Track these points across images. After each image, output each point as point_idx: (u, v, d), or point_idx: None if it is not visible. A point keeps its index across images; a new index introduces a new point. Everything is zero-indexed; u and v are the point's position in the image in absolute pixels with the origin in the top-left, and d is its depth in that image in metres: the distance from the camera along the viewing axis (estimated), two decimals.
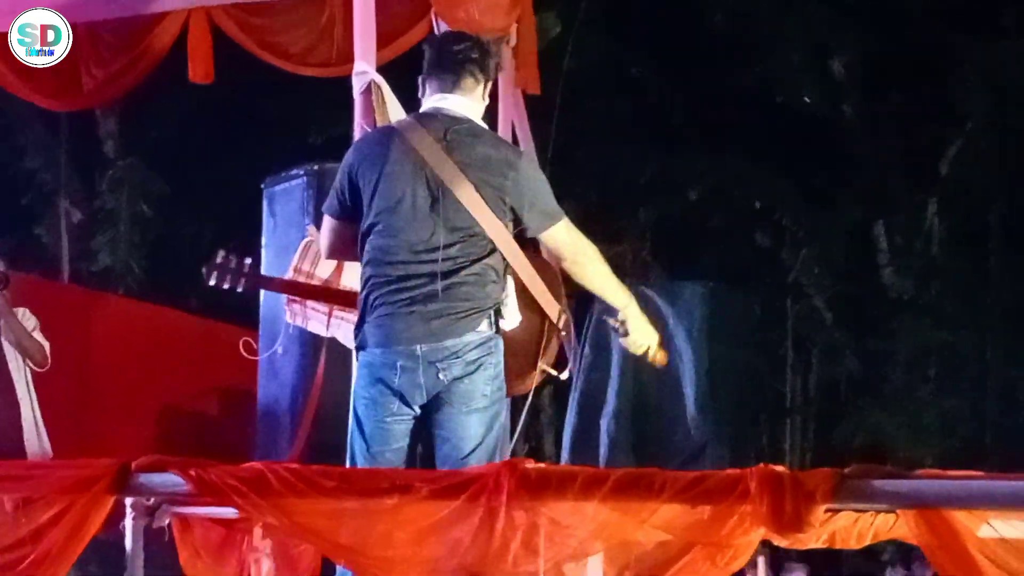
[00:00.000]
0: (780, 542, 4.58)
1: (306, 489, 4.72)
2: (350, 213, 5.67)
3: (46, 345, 8.72)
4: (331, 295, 6.92)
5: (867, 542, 5.58)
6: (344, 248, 5.82)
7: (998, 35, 16.09)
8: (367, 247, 5.63)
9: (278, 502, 4.76)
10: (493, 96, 5.97)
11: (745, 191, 16.58)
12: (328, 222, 5.84)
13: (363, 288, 5.62)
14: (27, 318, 8.78)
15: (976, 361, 16.30)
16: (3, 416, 8.67)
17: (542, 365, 5.76)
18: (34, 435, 8.75)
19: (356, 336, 5.67)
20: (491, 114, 5.92)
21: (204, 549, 5.95)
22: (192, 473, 4.84)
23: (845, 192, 16.68)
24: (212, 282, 6.85)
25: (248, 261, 6.87)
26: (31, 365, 8.71)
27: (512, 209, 5.55)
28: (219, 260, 6.85)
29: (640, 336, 5.82)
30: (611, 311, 5.86)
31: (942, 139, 16.48)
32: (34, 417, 8.80)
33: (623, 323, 5.80)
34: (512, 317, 5.64)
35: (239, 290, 6.80)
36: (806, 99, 16.54)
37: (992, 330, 16.27)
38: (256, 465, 4.83)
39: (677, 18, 16.36)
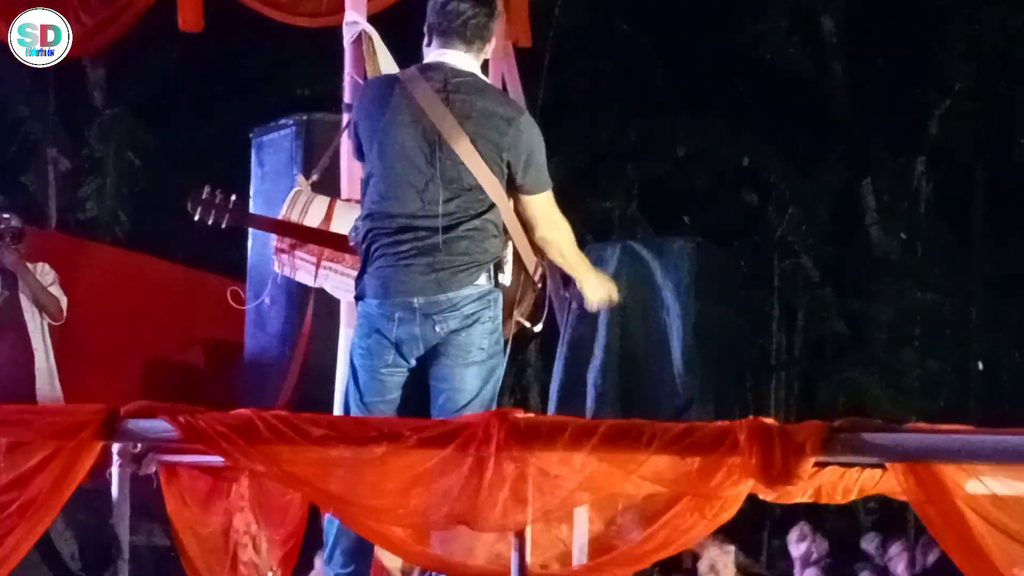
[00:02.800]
0: (767, 495, 4.60)
1: (294, 436, 4.72)
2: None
3: (63, 300, 9.03)
4: (316, 236, 6.90)
5: (852, 497, 5.61)
6: None
7: None
8: (366, 197, 5.66)
9: (266, 449, 4.76)
10: None
11: (732, 149, 16.54)
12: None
13: (363, 239, 5.63)
14: (46, 273, 8.99)
15: (960, 323, 16.32)
16: (18, 364, 8.90)
17: (516, 316, 5.78)
18: (47, 384, 8.99)
19: (356, 286, 5.69)
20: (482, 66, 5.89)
21: (191, 497, 5.96)
22: (180, 419, 4.84)
23: (832, 151, 16.66)
24: (196, 216, 6.83)
25: (234, 197, 6.84)
26: (47, 318, 8.98)
27: (508, 165, 5.55)
28: (204, 195, 6.84)
29: (595, 294, 6.00)
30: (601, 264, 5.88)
31: (929, 100, 16.46)
32: (48, 366, 9.04)
33: (579, 290, 5.92)
34: (509, 271, 5.65)
35: (223, 226, 6.77)
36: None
37: (976, 292, 16.28)
38: (244, 412, 4.83)
39: None
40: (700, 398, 9.58)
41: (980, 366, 15.76)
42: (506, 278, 5.59)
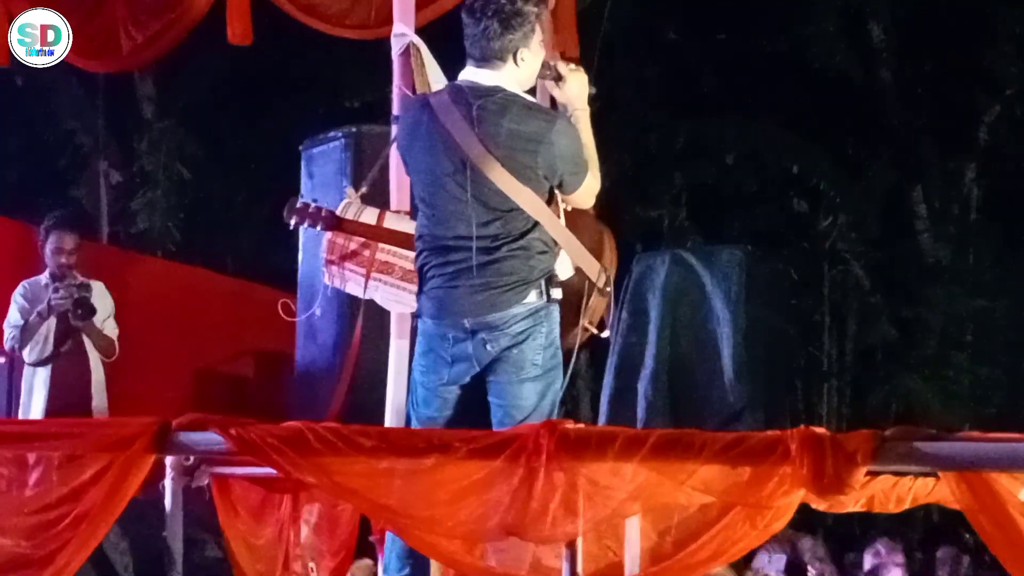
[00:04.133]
0: (819, 505, 4.57)
1: (345, 448, 4.73)
2: None
3: (115, 335, 9.10)
4: (405, 240, 6.92)
5: (906, 506, 5.59)
6: None
7: None
8: (418, 219, 5.70)
9: (317, 461, 4.77)
10: None
11: (780, 156, 16.51)
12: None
13: (417, 258, 5.69)
14: (103, 295, 9.11)
15: (1012, 328, 16.24)
16: (76, 377, 9.01)
17: (584, 322, 5.77)
18: (101, 398, 9.14)
19: (417, 304, 5.74)
20: None
21: (243, 509, 5.98)
22: (232, 432, 4.85)
23: (881, 157, 16.61)
24: (292, 224, 6.90)
25: (326, 205, 6.89)
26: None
27: (546, 178, 5.55)
28: (299, 204, 6.89)
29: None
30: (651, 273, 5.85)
31: (980, 105, 16.38)
32: (101, 380, 9.19)
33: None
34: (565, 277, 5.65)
35: (318, 228, 6.82)
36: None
37: None
38: (295, 424, 4.84)
39: None
40: (751, 407, 9.53)
41: None
42: (558, 292, 5.58)
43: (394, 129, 7.19)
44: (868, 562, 10.35)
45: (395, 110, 7.34)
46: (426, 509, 4.77)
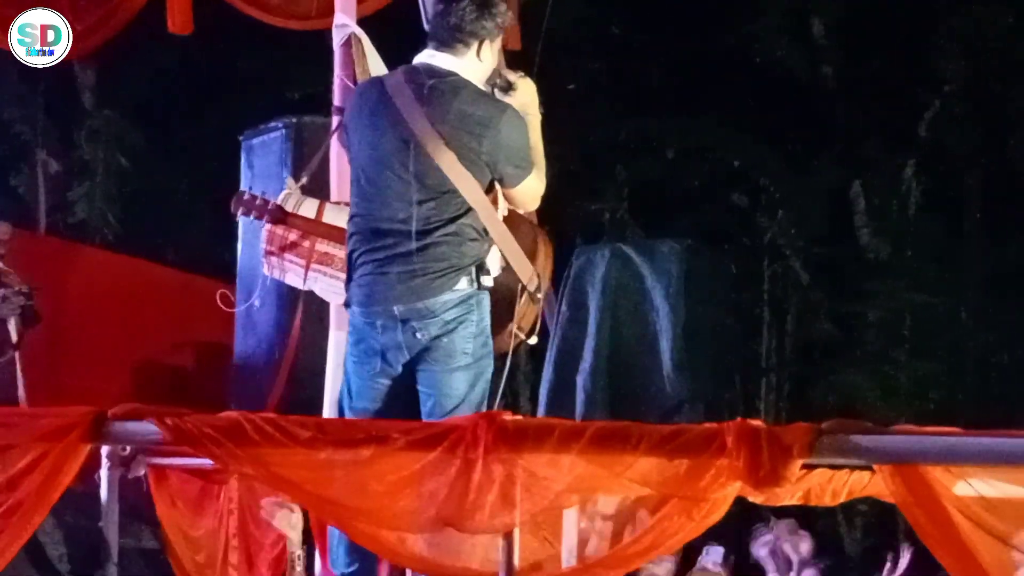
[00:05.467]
0: (756, 497, 4.59)
1: (282, 439, 4.70)
2: None
3: None
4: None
5: (842, 499, 5.61)
6: None
7: None
8: (351, 204, 5.67)
9: (254, 452, 4.74)
10: None
11: (723, 152, 16.56)
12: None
13: (348, 245, 5.66)
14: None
15: (951, 324, 16.32)
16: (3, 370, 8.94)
17: (514, 327, 5.76)
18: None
19: (346, 292, 5.70)
20: None
21: (181, 500, 5.96)
22: (168, 422, 4.81)
23: (823, 154, 16.66)
24: (239, 215, 6.89)
25: (273, 199, 6.87)
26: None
27: (488, 166, 5.53)
28: (246, 196, 6.87)
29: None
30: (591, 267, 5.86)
31: (920, 102, 16.47)
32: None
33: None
34: (495, 273, 5.64)
35: (265, 223, 6.80)
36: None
37: (967, 294, 16.29)
38: (232, 414, 4.81)
39: None
40: (690, 400, 9.58)
41: None
42: (489, 280, 5.57)
43: (335, 120, 7.19)
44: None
45: (336, 101, 7.34)
46: (364, 500, 4.76)
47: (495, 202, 5.65)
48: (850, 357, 16.27)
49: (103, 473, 5.42)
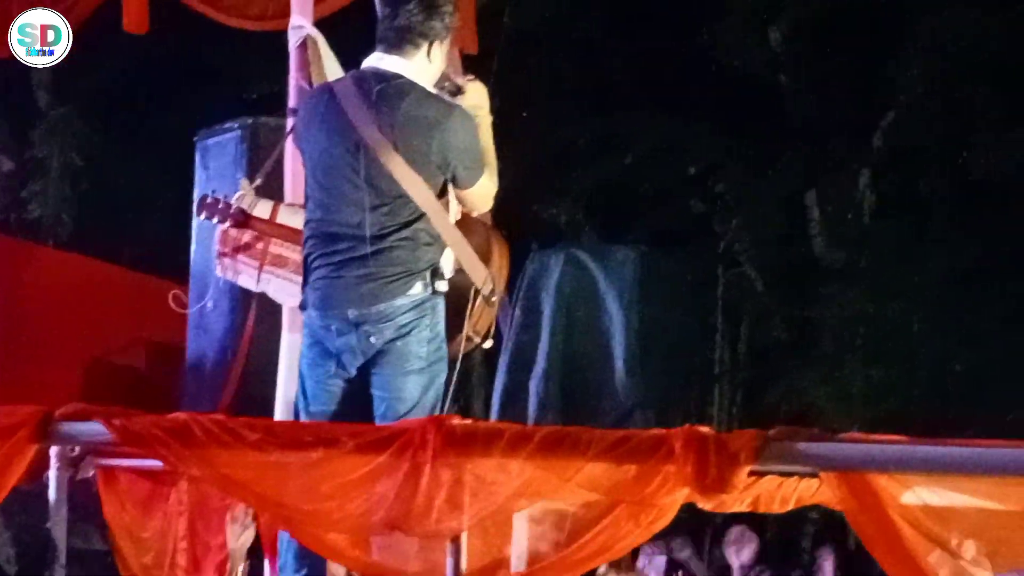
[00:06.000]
0: (704, 504, 4.60)
1: (231, 441, 4.70)
2: None
3: None
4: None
5: (790, 506, 5.62)
6: None
7: (933, 5, 16.14)
8: (307, 209, 5.68)
9: (203, 453, 4.75)
10: None
11: (680, 156, 16.59)
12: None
13: (304, 248, 5.67)
14: None
15: (904, 331, 16.39)
16: None
17: (468, 331, 5.76)
18: None
19: (302, 294, 5.71)
20: None
21: (129, 501, 5.92)
22: (116, 422, 4.81)
23: (779, 160, 16.72)
24: (202, 217, 6.89)
25: (236, 203, 6.85)
26: None
27: (439, 168, 5.54)
28: (210, 199, 6.87)
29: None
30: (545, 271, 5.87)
31: (877, 109, 16.54)
32: None
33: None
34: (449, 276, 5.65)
35: (227, 226, 6.80)
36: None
37: (921, 301, 16.35)
38: (181, 416, 4.81)
39: None
40: (642, 405, 9.60)
41: None
42: (444, 285, 5.58)
43: (290, 121, 7.18)
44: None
45: (291, 102, 7.32)
46: (312, 503, 4.76)
47: (447, 206, 5.65)
48: (804, 363, 16.32)
49: (51, 474, 5.39)
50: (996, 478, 4.18)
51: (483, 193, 5.71)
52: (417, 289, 5.51)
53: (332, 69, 7.26)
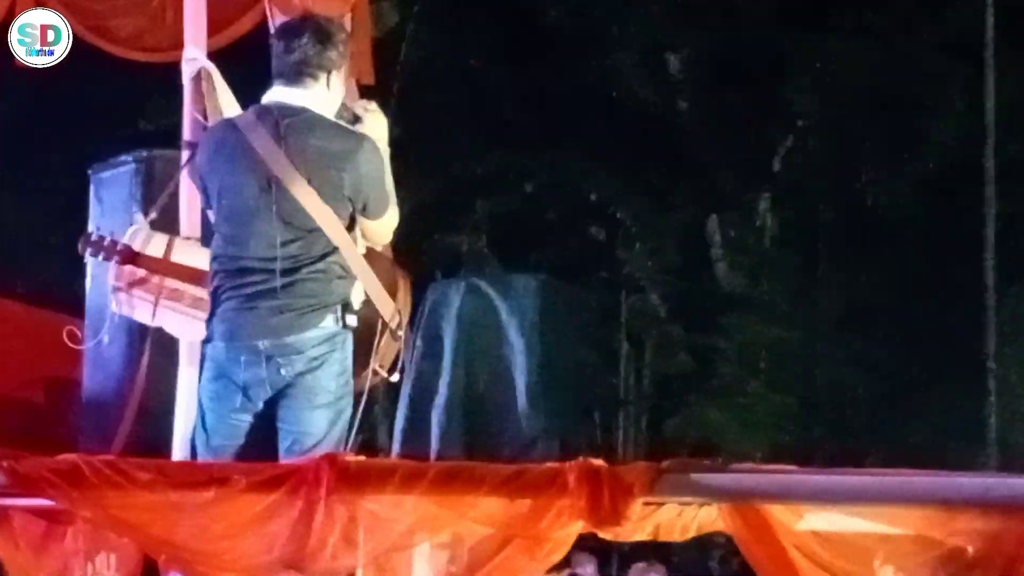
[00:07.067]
0: (604, 535, 4.60)
1: (122, 481, 4.64)
2: None
3: None
4: (197, 276, 6.86)
5: (691, 534, 5.62)
6: None
7: (829, 34, 16.32)
8: (213, 242, 5.62)
9: (93, 495, 4.68)
10: None
11: (581, 185, 16.67)
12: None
13: (211, 281, 5.61)
14: None
15: (806, 357, 16.52)
16: None
17: (375, 364, 5.73)
18: None
19: (207, 328, 5.65)
20: None
21: (24, 541, 5.83)
22: (4, 464, 4.74)
23: (680, 187, 16.83)
24: (87, 256, 6.80)
25: (122, 240, 6.77)
26: None
27: (350, 200, 5.52)
28: (94, 237, 6.78)
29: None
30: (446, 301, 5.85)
31: (775, 136, 16.70)
32: None
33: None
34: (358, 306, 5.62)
35: (113, 261, 6.71)
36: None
37: (822, 326, 16.50)
38: (70, 457, 4.74)
39: (516, 11, 16.40)
40: (546, 435, 9.59)
41: None
42: (354, 319, 5.55)
43: (185, 154, 7.12)
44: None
45: (186, 135, 7.25)
46: (206, 543, 4.71)
47: (356, 239, 5.63)
48: (707, 390, 16.43)
49: None
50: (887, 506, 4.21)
51: (389, 223, 5.71)
52: (328, 322, 5.48)
53: (227, 101, 7.21)
